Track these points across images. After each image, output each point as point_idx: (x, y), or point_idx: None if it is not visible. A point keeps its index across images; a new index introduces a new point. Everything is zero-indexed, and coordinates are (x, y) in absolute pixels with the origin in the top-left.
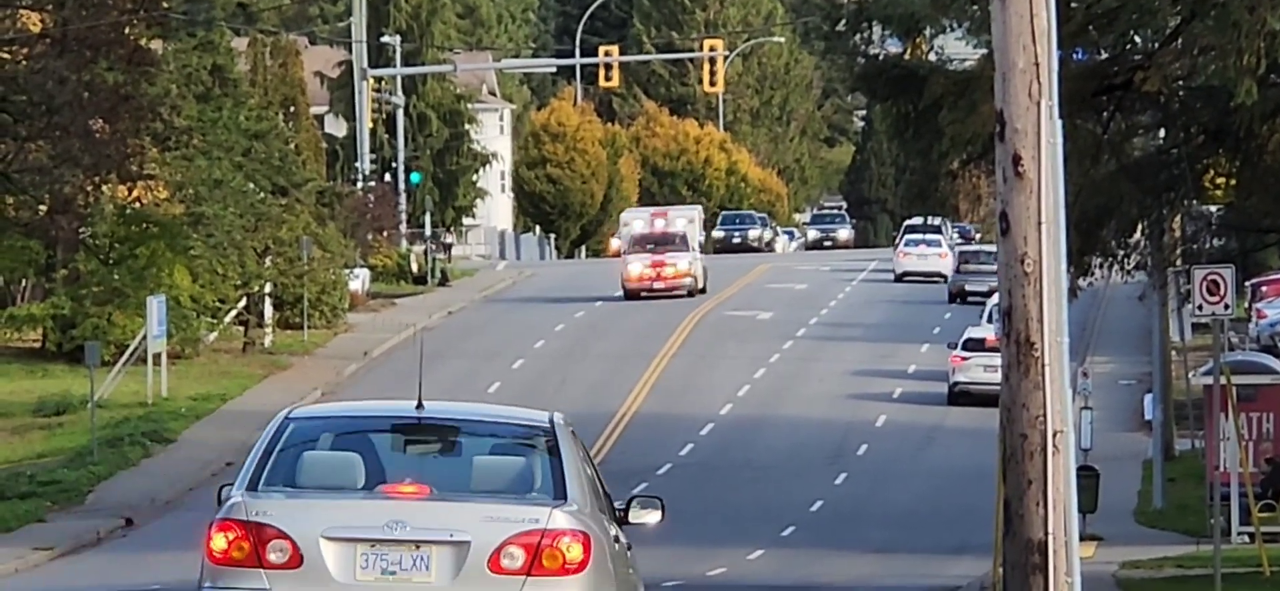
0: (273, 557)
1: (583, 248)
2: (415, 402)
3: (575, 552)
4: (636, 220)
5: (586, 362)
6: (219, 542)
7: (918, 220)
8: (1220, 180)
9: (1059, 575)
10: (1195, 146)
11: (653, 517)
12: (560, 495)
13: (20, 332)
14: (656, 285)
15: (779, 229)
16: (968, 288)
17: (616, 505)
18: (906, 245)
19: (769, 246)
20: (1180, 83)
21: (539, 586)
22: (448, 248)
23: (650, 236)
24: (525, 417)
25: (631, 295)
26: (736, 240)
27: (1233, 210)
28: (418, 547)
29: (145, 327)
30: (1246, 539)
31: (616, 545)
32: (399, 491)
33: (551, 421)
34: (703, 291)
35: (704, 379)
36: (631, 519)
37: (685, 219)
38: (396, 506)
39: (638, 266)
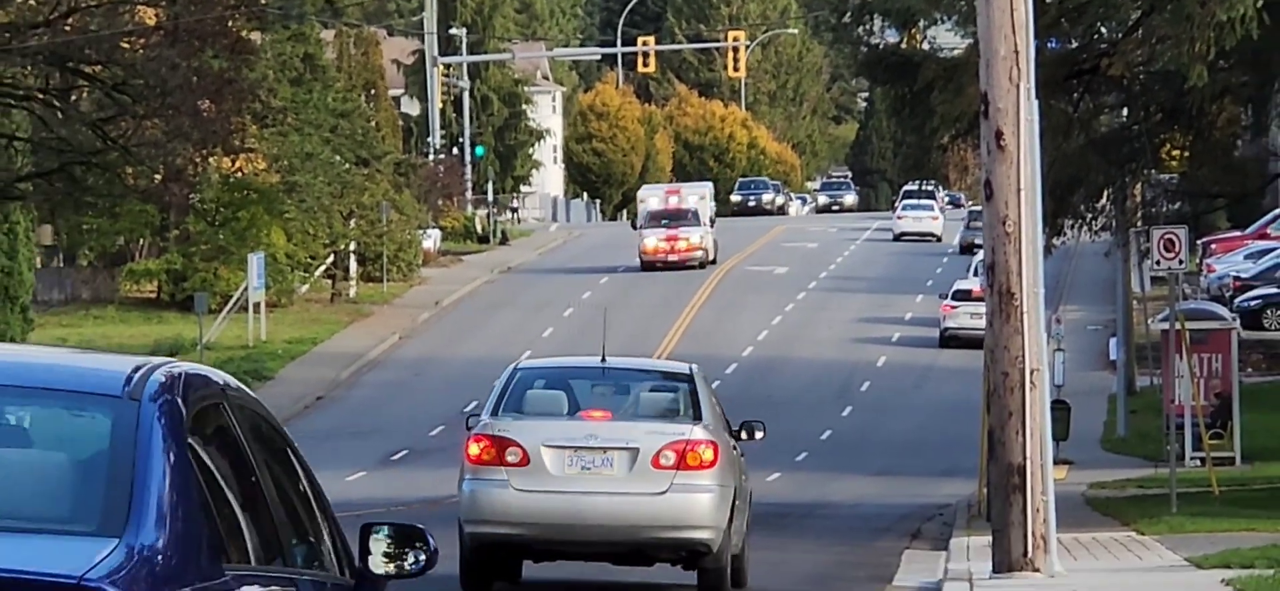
0: (509, 459)
1: (624, 211)
2: (600, 358)
3: (708, 454)
4: (652, 197)
5: (628, 311)
6: (474, 449)
7: (914, 187)
8: (1176, 153)
9: (1035, 494)
10: (1154, 123)
11: (759, 434)
12: (697, 417)
13: (139, 285)
14: (671, 258)
15: (792, 194)
16: (976, 242)
17: (735, 427)
18: (904, 209)
19: (782, 210)
20: (1141, 68)
21: (685, 477)
22: (514, 210)
23: (665, 212)
24: (672, 367)
25: (647, 266)
26: (752, 204)
27: (1186, 178)
28: (604, 452)
29: (246, 280)
30: (1198, 462)
31: (733, 451)
32: (591, 415)
33: (690, 369)
34: (713, 262)
35: (729, 325)
36: (743, 437)
37: (696, 196)
38: (590, 425)
39: (653, 240)
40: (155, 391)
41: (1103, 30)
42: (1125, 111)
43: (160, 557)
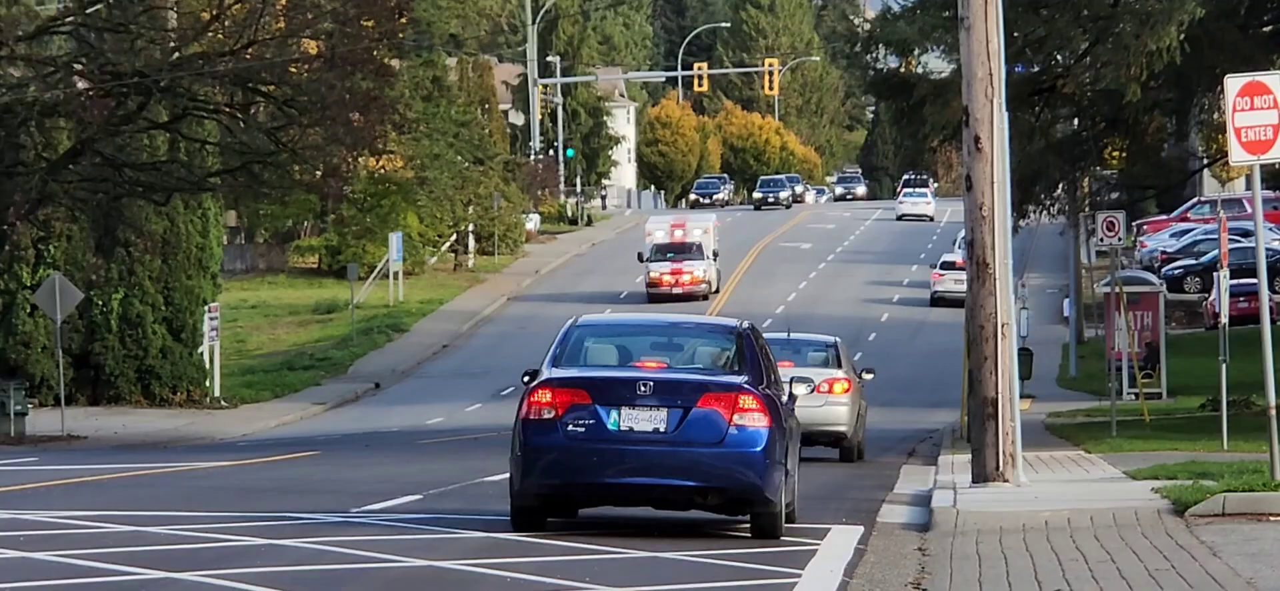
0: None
1: (683, 200)
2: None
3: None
4: (658, 230)
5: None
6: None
7: (913, 176)
8: (1115, 154)
9: (1005, 421)
10: (1098, 131)
11: (869, 376)
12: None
13: (303, 257)
14: (675, 290)
15: (810, 187)
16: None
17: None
18: (905, 195)
19: (799, 199)
20: (1088, 87)
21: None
22: (603, 197)
23: (671, 245)
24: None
25: (653, 297)
26: (770, 199)
27: (1123, 174)
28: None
29: (388, 254)
30: (1133, 397)
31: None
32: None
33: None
34: (716, 292)
35: (765, 288)
36: (865, 377)
37: (701, 229)
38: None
39: (658, 272)
40: (746, 328)
41: (1058, 58)
42: (1076, 121)
43: (757, 380)
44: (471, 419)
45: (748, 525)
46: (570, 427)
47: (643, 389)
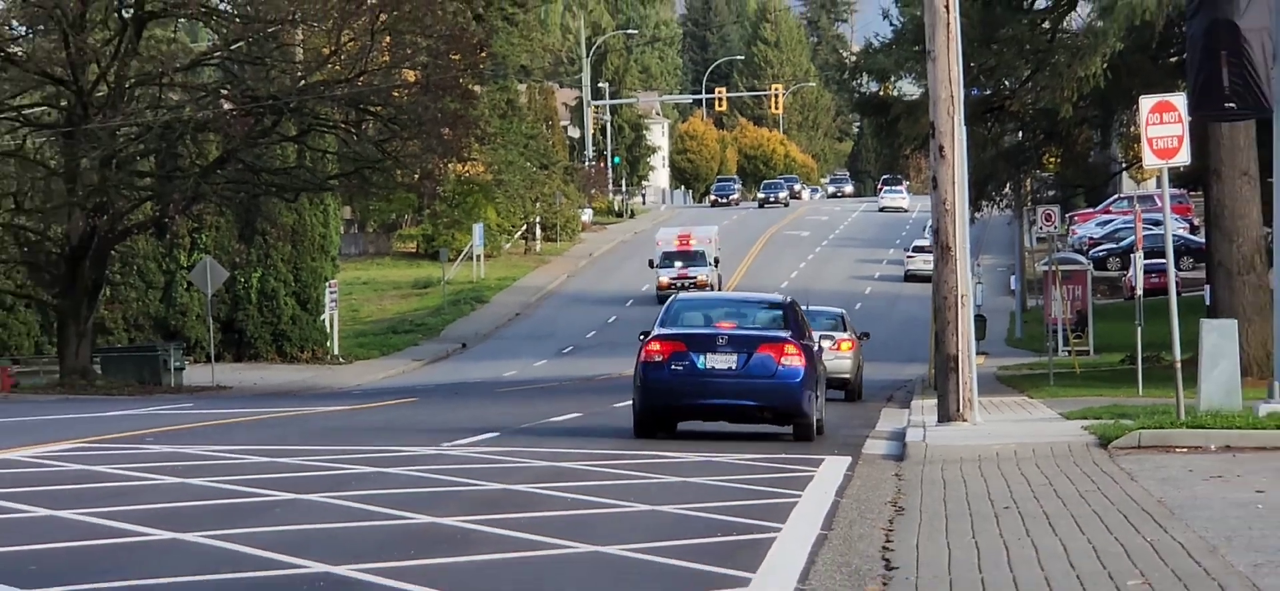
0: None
1: (706, 197)
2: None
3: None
4: (667, 241)
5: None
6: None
7: (891, 175)
8: (1052, 160)
9: (964, 373)
10: (1038, 141)
11: (865, 339)
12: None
13: (404, 243)
14: (682, 289)
15: (806, 187)
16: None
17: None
18: (884, 192)
19: (796, 197)
20: (1030, 106)
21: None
22: (642, 195)
23: (678, 253)
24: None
25: (662, 299)
26: (771, 199)
27: (1058, 176)
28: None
29: (472, 240)
30: (1066, 353)
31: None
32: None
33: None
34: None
35: (772, 267)
36: (863, 339)
37: (705, 238)
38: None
39: (667, 276)
40: (789, 301)
41: (1006, 83)
42: (1020, 134)
43: (796, 335)
44: (538, 372)
45: (791, 434)
46: (673, 367)
47: (720, 341)
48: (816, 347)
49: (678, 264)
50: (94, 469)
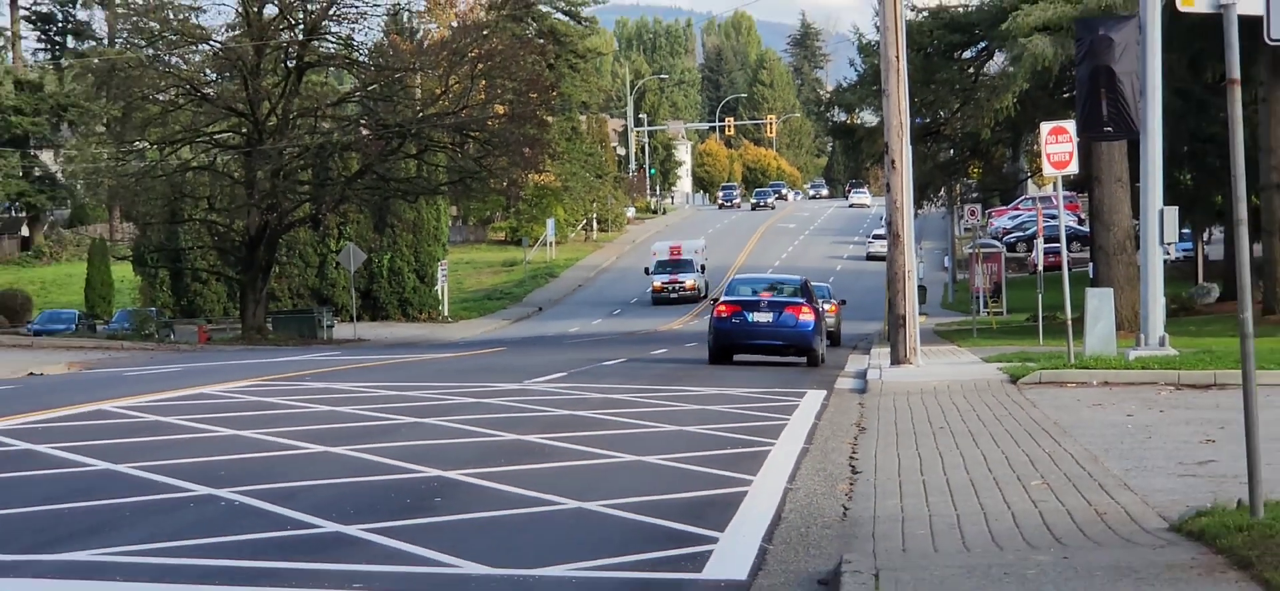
0: (725, 310)
1: (716, 200)
2: (770, 271)
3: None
4: (661, 251)
5: (723, 243)
6: (720, 309)
7: (856, 182)
8: (976, 170)
9: (910, 328)
10: (965, 157)
11: (843, 304)
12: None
13: (495, 233)
14: (672, 295)
15: (790, 191)
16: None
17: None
18: (852, 194)
19: (783, 198)
20: (959, 130)
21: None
22: (671, 197)
23: (670, 261)
24: (795, 278)
25: (657, 301)
26: (760, 204)
27: (980, 182)
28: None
29: (546, 231)
30: (986, 314)
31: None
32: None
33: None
34: (704, 297)
35: (769, 250)
36: (842, 304)
37: (694, 249)
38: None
39: (660, 280)
40: (804, 280)
41: (941, 113)
42: (951, 151)
43: (809, 301)
44: (596, 329)
45: (808, 364)
46: (733, 320)
47: (761, 305)
48: (821, 307)
49: (669, 271)
50: (266, 400)
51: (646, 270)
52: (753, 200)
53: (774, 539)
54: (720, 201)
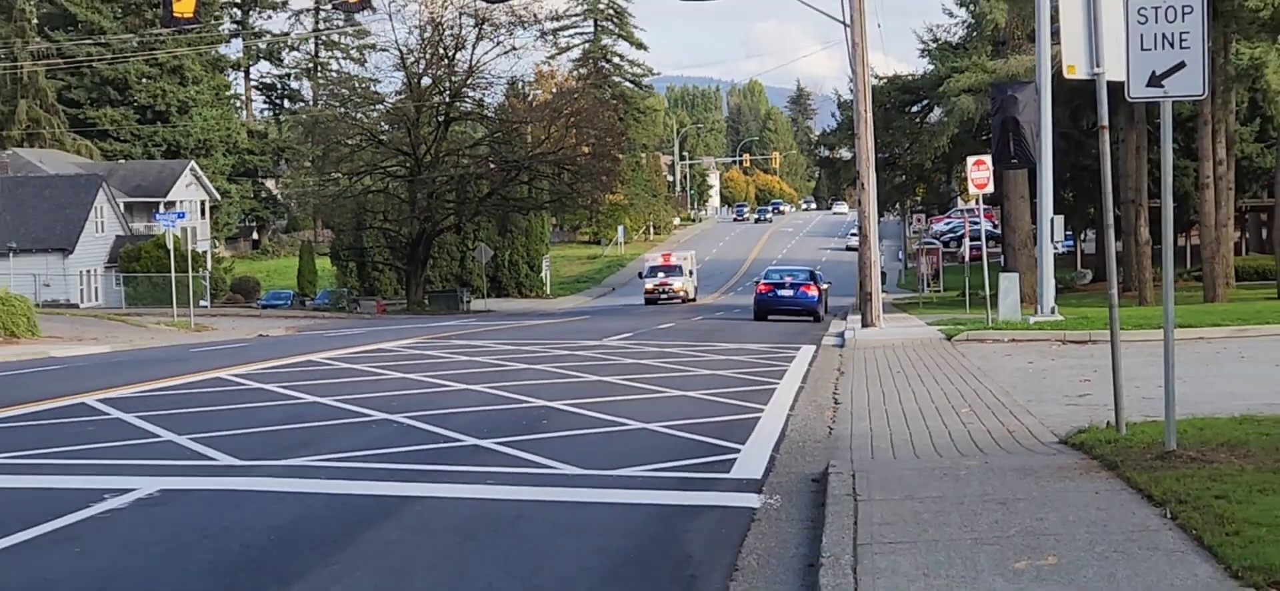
0: (764, 289)
1: (734, 214)
2: (776, 261)
3: (814, 289)
4: (653, 260)
5: (741, 243)
6: (760, 287)
7: (836, 199)
8: (921, 190)
9: (875, 302)
10: (913, 180)
11: (827, 285)
12: (812, 279)
13: (582, 235)
14: (661, 297)
15: (787, 205)
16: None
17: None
18: (833, 207)
19: (780, 212)
20: (908, 161)
21: (809, 291)
22: (705, 211)
23: (661, 266)
24: (807, 268)
25: (649, 302)
26: (760, 218)
27: (923, 199)
28: (789, 288)
29: (617, 235)
30: (928, 291)
31: (823, 288)
32: (787, 279)
33: (810, 268)
34: (693, 300)
35: (773, 248)
36: (828, 284)
37: (683, 258)
38: (785, 281)
39: (650, 283)
40: (812, 269)
41: (896, 150)
42: (903, 177)
43: (815, 282)
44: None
45: (813, 321)
46: (767, 294)
47: (784, 284)
48: (822, 286)
49: (660, 275)
50: (424, 352)
51: (640, 274)
52: (755, 216)
53: (779, 450)
54: (734, 215)
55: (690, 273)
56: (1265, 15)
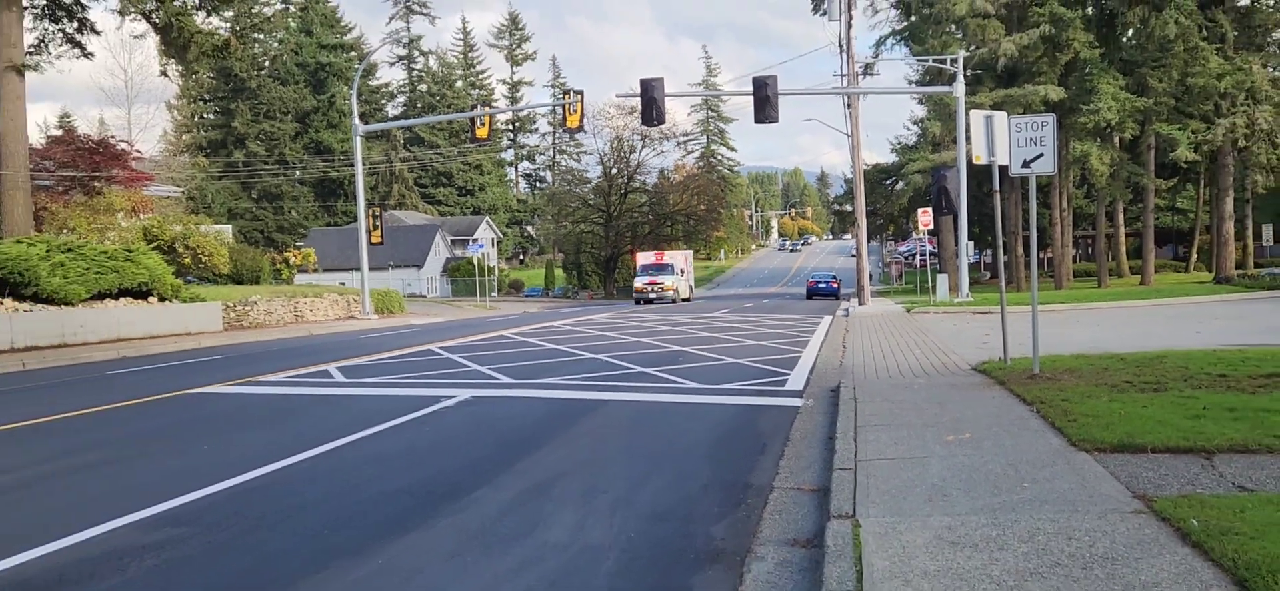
0: (811, 284)
1: (779, 244)
2: (811, 270)
3: (836, 283)
4: (644, 260)
5: (788, 259)
6: (809, 283)
7: (846, 233)
8: (892, 227)
9: (865, 291)
10: (888, 221)
11: (836, 284)
12: (835, 279)
13: (702, 255)
14: (651, 295)
15: (815, 239)
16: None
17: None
18: (844, 238)
19: (807, 244)
20: (885, 211)
21: (833, 285)
22: (769, 242)
23: (653, 266)
24: (831, 272)
25: (639, 302)
26: (794, 248)
27: (894, 232)
28: (823, 283)
29: (720, 255)
30: (897, 286)
31: (840, 284)
32: (821, 279)
33: (833, 273)
34: (687, 301)
35: (805, 262)
36: (838, 284)
37: (675, 257)
38: (821, 279)
39: (641, 282)
40: (834, 273)
41: (877, 205)
42: (881, 220)
43: (839, 281)
44: (737, 294)
45: (834, 300)
46: (813, 286)
47: (821, 281)
48: (839, 281)
49: (651, 273)
50: (615, 319)
51: (633, 272)
52: (790, 245)
53: (811, 375)
54: (784, 245)
55: (681, 271)
56: (1089, 126)
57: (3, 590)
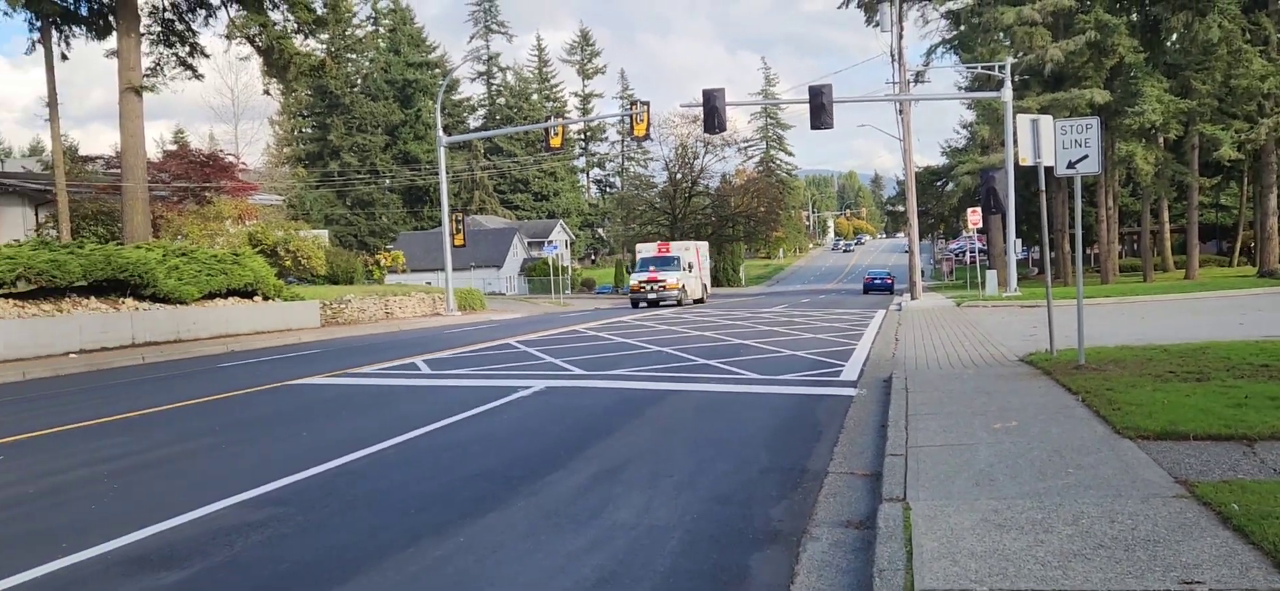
0: (867, 279)
1: (832, 246)
2: (867, 266)
3: (891, 279)
4: (645, 251)
5: (844, 258)
6: (865, 279)
7: (897, 232)
8: (943, 226)
9: (918, 286)
10: (938, 221)
11: (891, 279)
12: (892, 275)
13: (759, 254)
14: (650, 295)
15: (869, 237)
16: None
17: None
18: (897, 236)
19: (861, 244)
20: (935, 213)
21: (889, 280)
22: (825, 242)
23: (654, 259)
24: (887, 269)
25: (634, 302)
26: (847, 248)
27: (944, 231)
28: (878, 278)
29: (778, 253)
30: (948, 281)
31: (895, 280)
32: (877, 276)
33: (888, 270)
34: (700, 302)
35: (861, 260)
36: (892, 278)
37: (682, 248)
38: (877, 276)
39: (637, 279)
40: (889, 271)
41: (929, 204)
42: (933, 219)
43: (892, 276)
44: (800, 293)
45: (888, 295)
46: (869, 281)
47: (877, 277)
48: (893, 278)
49: (651, 268)
50: (679, 316)
51: (629, 269)
52: (845, 244)
53: (865, 366)
54: (833, 245)
55: (689, 266)
56: (1134, 127)
57: (119, 565)
